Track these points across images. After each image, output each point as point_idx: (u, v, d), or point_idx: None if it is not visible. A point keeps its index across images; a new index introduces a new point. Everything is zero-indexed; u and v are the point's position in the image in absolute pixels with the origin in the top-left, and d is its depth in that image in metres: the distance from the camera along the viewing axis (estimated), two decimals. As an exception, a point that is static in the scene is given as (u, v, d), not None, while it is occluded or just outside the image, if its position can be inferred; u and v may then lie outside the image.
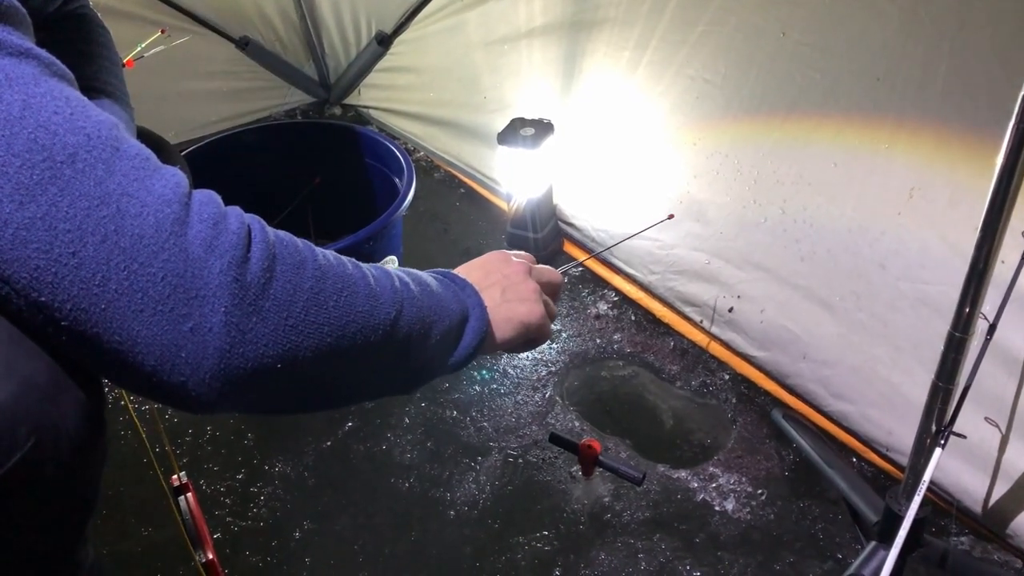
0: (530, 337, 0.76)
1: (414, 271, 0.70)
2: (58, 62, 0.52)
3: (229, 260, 0.50)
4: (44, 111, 0.47)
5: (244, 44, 2.65)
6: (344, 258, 0.61)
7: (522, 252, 0.82)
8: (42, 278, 0.46)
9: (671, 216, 1.22)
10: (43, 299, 0.46)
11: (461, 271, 0.76)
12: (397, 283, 0.64)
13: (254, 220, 0.55)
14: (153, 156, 0.52)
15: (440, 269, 0.74)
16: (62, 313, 0.47)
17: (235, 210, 0.54)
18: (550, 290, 0.82)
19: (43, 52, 0.51)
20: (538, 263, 0.82)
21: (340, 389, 0.61)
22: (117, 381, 0.52)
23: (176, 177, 0.51)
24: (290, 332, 0.53)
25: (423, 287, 0.66)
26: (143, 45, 1.72)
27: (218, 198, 0.54)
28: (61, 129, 0.47)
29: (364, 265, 0.63)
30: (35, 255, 0.46)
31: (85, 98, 0.51)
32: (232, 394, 0.52)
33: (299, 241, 0.58)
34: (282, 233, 0.57)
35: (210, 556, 1.35)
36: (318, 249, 0.59)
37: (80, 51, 0.92)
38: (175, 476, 1.46)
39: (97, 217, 0.47)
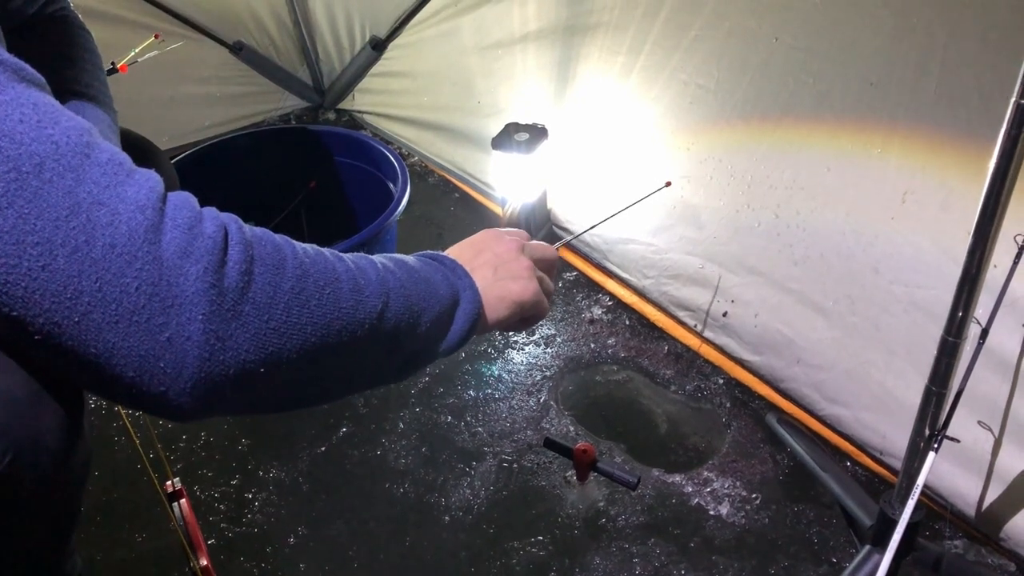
0: (525, 315, 0.75)
1: (400, 256, 0.67)
2: (28, 67, 0.50)
3: (205, 265, 0.49)
4: (9, 120, 0.46)
5: (238, 49, 2.65)
6: (326, 251, 0.60)
7: (514, 229, 0.80)
8: (12, 292, 0.45)
9: (668, 184, 1.22)
10: (14, 314, 0.45)
11: (451, 252, 0.75)
12: (382, 272, 0.62)
13: (231, 220, 0.53)
14: (127, 160, 0.51)
15: (428, 251, 0.73)
16: (35, 327, 0.46)
17: (211, 211, 0.53)
18: (544, 266, 0.80)
19: (10, 57, 0.49)
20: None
21: (327, 386, 0.60)
22: (97, 392, 0.51)
23: (150, 181, 0.50)
24: (272, 335, 0.52)
25: (410, 273, 0.64)
26: (137, 50, 1.71)
27: (194, 200, 0.52)
28: (27, 138, 0.46)
29: (347, 256, 0.61)
30: (3, 270, 0.44)
31: (56, 103, 0.50)
32: (215, 401, 0.51)
33: (278, 238, 0.56)
34: (259, 231, 0.55)
35: (204, 562, 1.34)
36: (298, 244, 0.58)
37: (61, 54, 0.91)
38: (169, 482, 1.46)
39: (67, 228, 0.46)
